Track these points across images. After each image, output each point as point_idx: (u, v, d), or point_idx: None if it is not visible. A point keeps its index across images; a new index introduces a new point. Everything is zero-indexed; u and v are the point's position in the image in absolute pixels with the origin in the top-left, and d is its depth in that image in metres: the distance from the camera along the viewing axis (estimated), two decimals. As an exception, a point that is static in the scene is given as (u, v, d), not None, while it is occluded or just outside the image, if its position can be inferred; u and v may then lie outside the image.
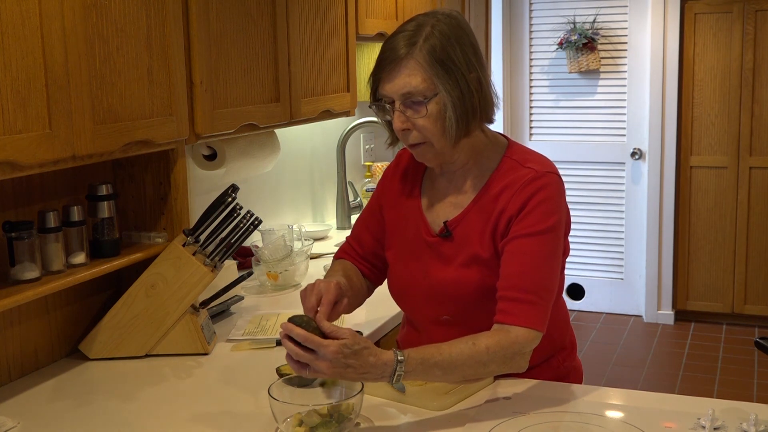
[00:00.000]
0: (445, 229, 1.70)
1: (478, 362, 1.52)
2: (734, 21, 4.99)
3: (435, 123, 1.60)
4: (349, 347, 1.41)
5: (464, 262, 1.67)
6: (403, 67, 1.58)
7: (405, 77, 1.58)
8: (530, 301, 1.57)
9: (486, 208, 1.66)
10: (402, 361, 1.45)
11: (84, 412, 1.66)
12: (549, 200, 1.63)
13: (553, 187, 1.64)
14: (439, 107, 1.59)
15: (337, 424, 1.45)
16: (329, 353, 1.40)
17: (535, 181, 1.63)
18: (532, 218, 1.61)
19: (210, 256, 1.99)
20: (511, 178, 1.66)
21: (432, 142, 1.63)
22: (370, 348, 1.44)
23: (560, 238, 1.65)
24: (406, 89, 1.59)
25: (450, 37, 1.60)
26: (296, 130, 3.13)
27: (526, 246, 1.60)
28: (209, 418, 1.62)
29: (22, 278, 1.72)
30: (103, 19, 1.70)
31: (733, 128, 5.07)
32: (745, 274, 5.17)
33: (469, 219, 1.68)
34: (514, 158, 1.69)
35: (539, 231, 1.60)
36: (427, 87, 1.58)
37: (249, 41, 2.25)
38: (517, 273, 1.59)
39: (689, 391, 4.20)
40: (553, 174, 1.66)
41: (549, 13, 5.45)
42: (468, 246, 1.67)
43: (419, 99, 1.59)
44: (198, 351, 1.94)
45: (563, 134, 5.52)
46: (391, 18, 3.18)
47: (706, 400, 1.63)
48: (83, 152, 1.65)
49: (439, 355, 1.50)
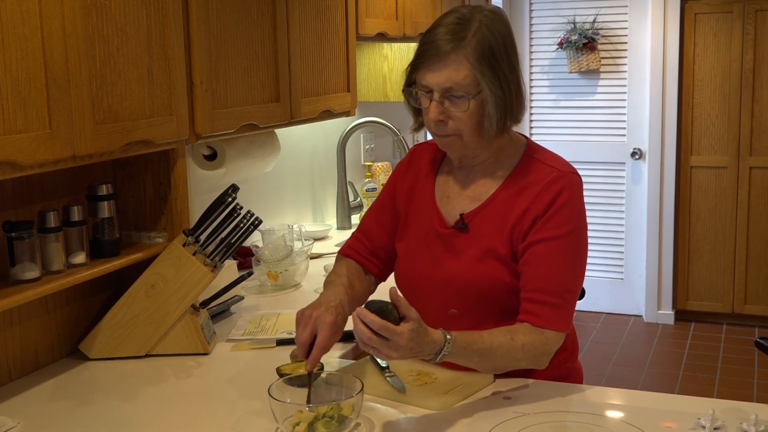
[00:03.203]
0: (461, 221, 1.71)
1: (513, 357, 1.60)
2: (734, 21, 4.99)
3: (471, 119, 1.63)
4: (417, 331, 1.45)
5: (478, 256, 1.68)
6: (451, 61, 1.59)
7: (451, 71, 1.59)
8: (557, 304, 1.62)
9: (506, 203, 1.68)
10: (449, 342, 1.50)
11: (84, 412, 1.66)
12: (573, 201, 1.66)
13: (577, 188, 1.68)
14: (480, 105, 1.61)
15: (337, 424, 1.45)
16: (403, 341, 1.43)
17: (559, 181, 1.66)
18: (556, 220, 1.64)
19: (210, 256, 1.99)
20: (534, 176, 1.68)
21: (462, 135, 1.65)
22: (426, 328, 1.48)
23: (584, 238, 1.69)
24: (449, 83, 1.60)
25: (497, 35, 1.61)
26: (296, 130, 3.13)
27: (552, 249, 1.64)
28: (209, 418, 1.62)
29: (22, 278, 1.72)
30: (103, 19, 1.70)
31: (733, 128, 5.07)
32: (745, 274, 5.17)
33: (486, 213, 1.69)
34: (535, 156, 1.72)
35: (564, 233, 1.64)
36: (470, 83, 1.60)
37: (249, 41, 2.25)
38: (545, 276, 1.63)
39: (689, 391, 4.20)
40: (575, 174, 1.70)
41: (549, 13, 5.45)
42: (483, 240, 1.68)
43: (460, 94, 1.61)
44: (198, 351, 1.94)
45: (563, 134, 5.52)
46: (391, 18, 3.18)
47: (706, 400, 1.63)
48: (83, 152, 1.65)
49: (481, 343, 1.56)
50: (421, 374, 1.72)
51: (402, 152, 3.41)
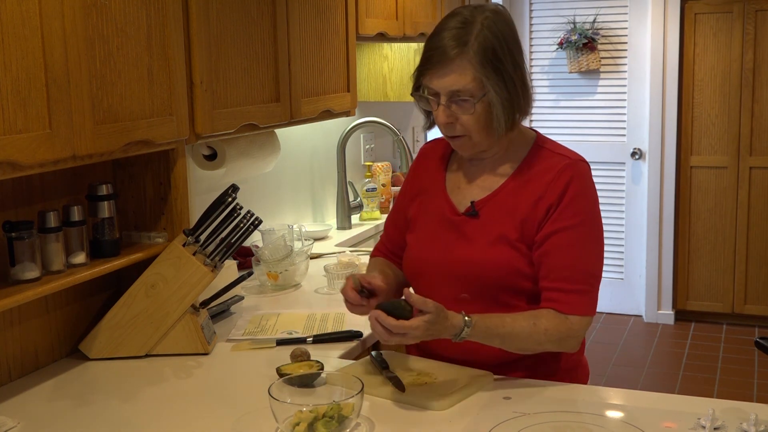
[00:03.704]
0: (471, 208, 1.74)
1: (535, 341, 1.65)
2: (734, 21, 4.99)
3: (479, 120, 1.67)
4: (432, 321, 1.54)
5: (491, 242, 1.71)
6: (455, 65, 1.62)
7: (455, 76, 1.63)
8: (581, 290, 1.68)
9: (518, 191, 1.72)
10: (469, 326, 1.58)
11: (84, 412, 1.66)
12: (585, 189, 1.71)
13: (587, 175, 1.73)
14: (487, 107, 1.65)
15: (337, 424, 1.45)
16: (419, 332, 1.54)
17: (569, 169, 1.70)
18: (572, 209, 1.68)
19: (210, 256, 1.99)
20: (545, 164, 1.72)
21: (471, 136, 1.70)
22: (446, 313, 1.57)
23: (599, 222, 1.74)
24: (454, 87, 1.64)
25: (499, 36, 1.64)
26: (296, 130, 3.13)
27: (572, 238, 1.68)
28: (209, 418, 1.62)
29: (22, 278, 1.72)
30: (103, 19, 1.70)
31: (733, 128, 5.07)
32: (745, 274, 5.17)
33: (497, 200, 1.73)
34: (545, 146, 1.76)
35: (581, 221, 1.69)
36: (476, 87, 1.63)
37: (249, 41, 2.25)
38: (568, 265, 1.68)
39: (689, 391, 4.20)
40: (584, 162, 1.74)
41: (549, 13, 5.44)
42: (495, 225, 1.72)
43: (466, 97, 1.64)
44: (198, 351, 1.94)
45: (563, 134, 5.51)
46: (391, 18, 3.18)
47: (706, 400, 1.63)
48: (83, 152, 1.65)
49: (503, 327, 1.63)
50: (421, 374, 1.72)
51: (402, 152, 3.41)
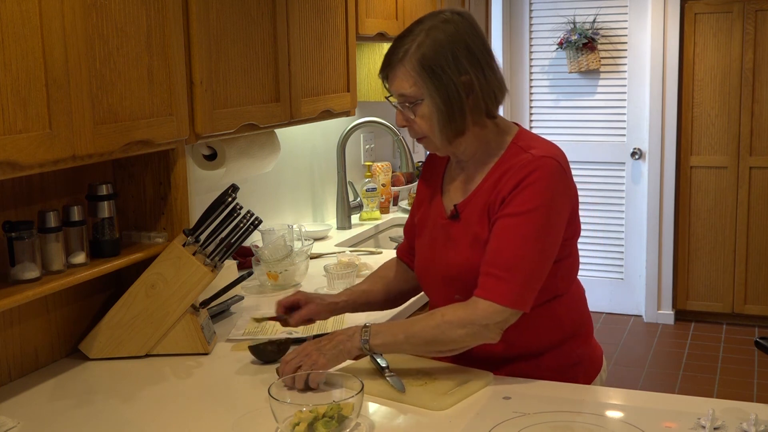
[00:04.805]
0: (454, 211, 1.77)
1: (443, 333, 1.64)
2: (734, 21, 4.99)
3: (427, 123, 1.71)
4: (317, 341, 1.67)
5: (469, 243, 1.73)
6: (397, 71, 1.70)
7: (399, 81, 1.70)
8: (500, 276, 1.63)
9: (488, 191, 1.73)
10: (368, 327, 1.67)
11: (84, 412, 1.66)
12: (539, 182, 1.66)
13: (546, 170, 1.67)
14: (429, 110, 1.69)
15: (337, 424, 1.45)
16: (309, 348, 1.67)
17: (531, 164, 1.68)
18: (519, 199, 1.66)
19: (210, 256, 1.99)
20: (512, 162, 1.71)
21: (431, 137, 1.74)
22: (333, 332, 1.71)
23: (552, 220, 1.67)
24: (400, 92, 1.71)
25: (443, 43, 1.67)
26: (296, 130, 3.13)
27: (509, 225, 1.66)
28: (209, 418, 1.62)
29: (22, 278, 1.72)
30: (103, 19, 1.70)
31: (733, 128, 5.07)
32: (745, 274, 5.17)
33: (474, 201, 1.75)
34: (519, 144, 1.75)
35: (523, 211, 1.65)
36: (415, 92, 1.69)
37: (249, 41, 2.25)
38: (494, 249, 1.66)
39: (689, 391, 4.20)
40: (551, 158, 1.69)
41: (549, 13, 5.45)
42: (472, 227, 1.73)
43: (412, 101, 1.70)
44: (198, 351, 1.94)
45: (563, 134, 5.52)
46: (391, 18, 3.18)
47: (706, 400, 1.63)
48: (83, 152, 1.65)
49: (403, 322, 1.70)
50: (421, 374, 1.72)
51: (402, 152, 3.41)
